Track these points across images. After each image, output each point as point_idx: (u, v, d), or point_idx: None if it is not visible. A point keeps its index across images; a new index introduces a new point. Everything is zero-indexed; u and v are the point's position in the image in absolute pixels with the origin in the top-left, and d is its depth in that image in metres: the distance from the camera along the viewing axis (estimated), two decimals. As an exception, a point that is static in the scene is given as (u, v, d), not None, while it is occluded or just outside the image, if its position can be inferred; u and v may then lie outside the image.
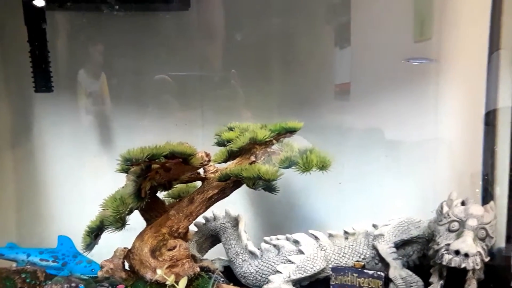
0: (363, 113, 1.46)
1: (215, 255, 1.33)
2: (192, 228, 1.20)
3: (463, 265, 0.95)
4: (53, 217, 1.50)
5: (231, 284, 1.12)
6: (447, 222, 1.01)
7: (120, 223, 0.99)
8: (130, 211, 1.01)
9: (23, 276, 1.11)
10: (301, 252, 1.13)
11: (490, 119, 1.39)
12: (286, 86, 1.47)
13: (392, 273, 1.06)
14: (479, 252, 0.95)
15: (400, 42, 1.42)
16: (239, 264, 1.20)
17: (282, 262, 1.13)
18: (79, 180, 1.47)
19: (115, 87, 1.46)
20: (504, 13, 1.33)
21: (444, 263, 0.97)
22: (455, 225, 1.00)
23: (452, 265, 0.95)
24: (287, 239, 1.18)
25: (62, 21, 1.40)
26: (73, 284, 1.09)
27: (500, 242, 1.29)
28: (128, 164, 0.93)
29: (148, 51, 1.44)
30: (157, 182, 1.02)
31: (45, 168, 1.48)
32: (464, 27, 1.40)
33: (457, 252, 0.95)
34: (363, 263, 1.05)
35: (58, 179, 1.49)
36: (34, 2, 1.30)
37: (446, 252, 0.97)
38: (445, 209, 1.04)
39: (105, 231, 1.02)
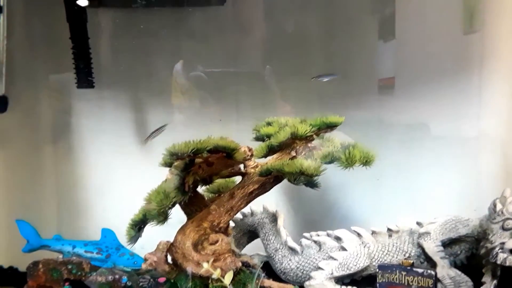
0: (406, 108, 1.42)
1: (251, 251, 1.33)
2: (230, 223, 1.20)
3: (518, 265, 0.91)
4: (93, 210, 1.53)
5: (271, 279, 1.12)
6: (501, 220, 0.97)
7: (162, 216, 1.01)
8: (173, 205, 1.02)
9: (69, 267, 1.14)
10: (343, 248, 1.11)
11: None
12: (327, 81, 1.45)
13: (440, 272, 1.03)
14: (534, 251, 0.91)
15: (448, 35, 1.37)
16: (278, 260, 1.19)
17: (323, 259, 1.11)
18: (117, 174, 1.49)
19: (152, 83, 1.48)
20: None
21: (498, 262, 0.93)
22: (510, 223, 0.96)
23: (507, 264, 0.91)
24: (328, 235, 1.16)
25: (103, 18, 1.42)
26: (116, 276, 1.11)
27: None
28: (173, 158, 0.94)
29: (185, 46, 1.45)
30: (199, 176, 1.03)
31: (84, 162, 1.52)
32: (509, 19, 1.34)
33: (512, 251, 0.92)
34: (412, 261, 1.02)
35: (97, 173, 1.52)
36: (75, 0, 1.32)
37: (500, 250, 0.93)
38: (499, 206, 1.00)
39: (148, 224, 1.04)
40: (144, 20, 1.41)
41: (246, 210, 1.27)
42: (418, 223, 1.15)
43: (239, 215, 1.29)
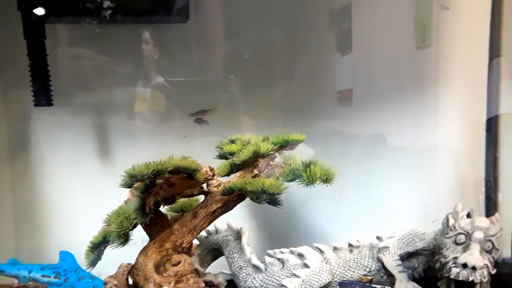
0: (365, 120, 1.47)
1: (217, 269, 1.32)
2: (194, 241, 1.19)
3: (470, 278, 0.95)
4: (52, 231, 1.48)
5: (236, 298, 1.11)
6: (453, 235, 1.01)
7: (123, 238, 0.98)
8: (134, 227, 1.00)
9: (25, 293, 1.10)
10: (306, 265, 1.12)
11: (492, 126, 1.40)
12: (288, 92, 1.48)
13: (399, 286, 1.06)
14: (486, 264, 0.96)
15: (401, 49, 1.43)
16: (243, 278, 1.19)
17: (287, 276, 1.12)
18: (77, 194, 1.46)
19: (114, 100, 1.45)
20: (504, 20, 1.35)
21: (452, 276, 0.96)
22: (462, 238, 1.00)
23: (460, 278, 0.95)
24: (291, 252, 1.18)
25: (62, 34, 1.39)
26: (75, 301, 1.08)
27: (506, 250, 1.30)
28: (133, 180, 0.92)
29: (147, 62, 1.44)
30: (161, 197, 1.01)
31: (43, 182, 1.47)
32: (463, 34, 1.41)
33: (464, 266, 0.95)
34: (370, 277, 1.05)
35: (57, 193, 1.47)
36: (33, 16, 1.29)
37: (453, 265, 0.97)
38: (451, 221, 1.04)
39: (108, 246, 1.02)
40: (105, 37, 1.40)
41: (211, 227, 1.27)
42: (378, 238, 1.18)
43: (203, 233, 1.28)
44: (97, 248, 1.02)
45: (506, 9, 1.33)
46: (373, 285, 1.01)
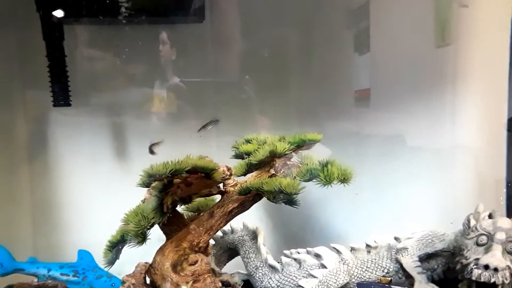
0: (382, 120, 1.45)
1: (232, 269, 1.32)
2: (210, 241, 1.19)
3: (492, 280, 0.93)
4: (69, 230, 1.50)
5: (252, 298, 1.11)
6: (475, 236, 0.99)
7: (141, 237, 0.99)
8: (152, 226, 1.00)
9: (44, 291, 1.11)
10: (323, 266, 1.11)
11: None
12: (304, 92, 1.47)
13: (418, 288, 1.04)
14: (508, 266, 0.94)
15: (420, 48, 1.41)
16: (259, 278, 1.19)
17: (304, 277, 1.12)
18: (94, 193, 1.47)
19: (131, 100, 1.47)
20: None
21: (473, 278, 0.95)
22: (483, 239, 0.98)
23: (482, 280, 0.93)
24: (308, 252, 1.17)
25: (80, 35, 1.41)
26: (93, 299, 1.09)
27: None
28: (151, 179, 0.93)
29: (164, 62, 1.45)
30: (178, 196, 1.02)
31: (61, 181, 1.49)
32: (483, 32, 1.39)
33: (486, 267, 0.93)
34: (389, 278, 1.03)
35: (74, 192, 1.49)
36: (52, 17, 1.31)
37: (475, 266, 0.95)
38: (473, 222, 1.02)
39: (126, 245, 1.02)
40: (122, 37, 1.41)
41: (226, 227, 1.27)
42: (396, 238, 1.16)
43: (219, 233, 1.29)
44: (115, 247, 1.03)
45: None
46: (393, 286, 1.00)
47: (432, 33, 1.40)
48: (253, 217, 1.31)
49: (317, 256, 1.14)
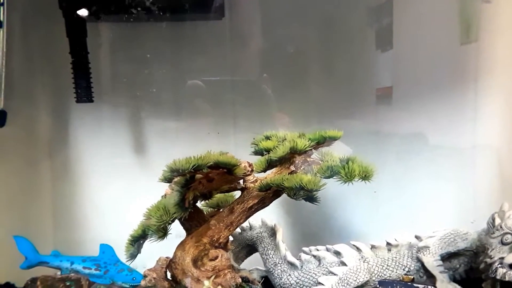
0: (403, 118, 1.44)
1: (250, 265, 1.32)
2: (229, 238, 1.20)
3: (518, 280, 0.92)
4: (89, 225, 1.52)
5: (271, 294, 1.11)
6: (499, 234, 0.98)
7: (162, 232, 1.00)
8: (173, 221, 1.01)
9: (68, 284, 1.13)
10: (343, 263, 1.11)
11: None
12: (324, 90, 1.47)
13: (440, 287, 1.03)
14: (534, 266, 0.92)
15: (444, 45, 1.39)
16: (278, 275, 1.19)
17: (323, 274, 1.11)
18: (114, 189, 1.49)
19: (152, 97, 1.48)
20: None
21: (498, 277, 0.93)
22: (509, 238, 0.97)
23: (507, 279, 0.92)
24: (327, 250, 1.17)
25: (103, 32, 1.43)
26: (115, 292, 1.10)
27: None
28: (174, 174, 0.93)
29: (185, 60, 1.46)
30: (199, 192, 1.02)
31: (82, 177, 1.51)
32: (506, 29, 1.37)
33: (511, 266, 0.92)
34: (412, 277, 1.02)
35: (94, 188, 1.51)
36: (75, 15, 1.33)
37: (500, 265, 0.94)
38: (498, 221, 1.01)
39: (147, 240, 1.04)
40: (143, 34, 1.42)
41: (245, 224, 1.27)
42: (417, 237, 1.15)
43: (238, 229, 1.29)
44: (137, 241, 1.04)
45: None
46: (415, 285, 0.99)
47: (456, 30, 1.38)
48: (271, 214, 1.32)
49: (337, 253, 1.14)
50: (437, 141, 1.44)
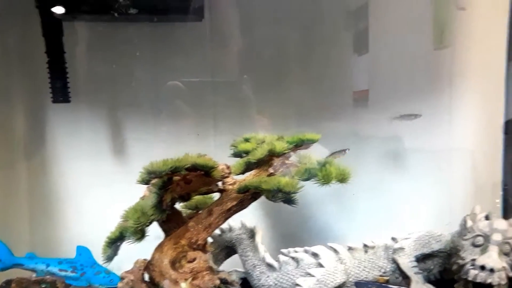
0: (380, 121, 1.46)
1: (230, 267, 1.32)
2: (208, 239, 1.20)
3: (488, 281, 0.94)
4: (67, 226, 1.50)
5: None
6: (471, 236, 1.01)
7: (140, 234, 0.99)
8: (151, 223, 1.01)
9: (43, 286, 1.11)
10: (320, 265, 1.12)
11: (510, 128, 1.39)
12: (302, 92, 1.48)
13: (414, 288, 1.05)
14: (504, 267, 0.95)
15: (419, 50, 1.42)
16: (256, 277, 1.19)
17: (301, 275, 1.12)
18: (92, 190, 1.47)
19: (130, 97, 1.47)
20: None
21: (470, 278, 0.96)
22: (480, 240, 0.99)
23: (478, 280, 0.95)
24: (306, 251, 1.17)
25: (79, 32, 1.41)
26: (91, 295, 1.09)
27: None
28: (151, 176, 0.93)
29: (164, 61, 1.45)
30: (177, 194, 1.02)
31: (59, 178, 1.49)
32: (480, 35, 1.40)
33: (482, 268, 0.95)
34: (387, 278, 1.04)
35: (72, 188, 1.49)
36: (51, 14, 1.31)
37: (471, 267, 0.96)
38: (469, 223, 1.03)
39: (125, 242, 1.03)
40: (122, 34, 1.41)
41: (224, 225, 1.27)
42: (393, 239, 1.17)
43: (217, 231, 1.29)
44: (114, 243, 1.03)
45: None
46: (390, 286, 1.01)
47: (430, 35, 1.41)
48: (251, 216, 1.32)
49: (315, 255, 1.15)
50: (413, 144, 1.47)
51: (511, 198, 1.37)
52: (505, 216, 1.37)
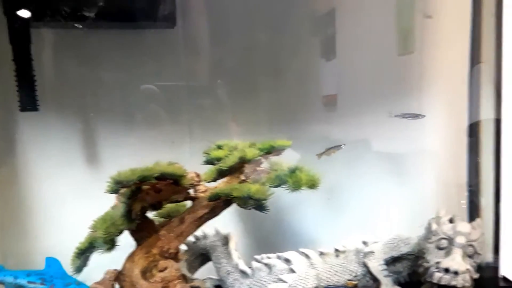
0: (350, 125, 1.48)
1: (205, 274, 1.32)
2: (182, 246, 1.19)
3: (453, 283, 0.96)
4: (39, 237, 1.47)
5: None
6: (436, 239, 1.03)
7: (110, 244, 0.99)
8: (120, 233, 1.00)
9: (10, 300, 1.08)
10: (292, 271, 1.12)
11: (474, 131, 1.43)
12: (274, 97, 1.50)
13: (383, 291, 1.07)
14: (468, 269, 0.97)
15: (384, 55, 1.46)
16: (230, 284, 1.19)
17: (273, 281, 1.13)
18: (64, 199, 1.44)
19: (101, 104, 1.45)
20: (484, 27, 1.38)
21: (434, 281, 0.98)
22: (444, 243, 1.02)
23: (442, 283, 0.97)
24: (278, 257, 1.18)
25: (48, 39, 1.38)
26: (61, 308, 1.07)
27: (488, 255, 1.33)
28: (119, 186, 0.92)
29: (135, 67, 1.44)
30: (147, 203, 1.02)
31: (29, 187, 1.46)
32: (446, 42, 1.44)
33: (446, 270, 0.97)
34: (355, 282, 1.06)
35: (43, 198, 1.46)
36: (18, 21, 1.29)
37: (436, 270, 0.98)
38: (434, 226, 1.06)
39: (95, 252, 1.02)
40: (92, 41, 1.39)
41: (199, 233, 1.27)
42: (364, 243, 1.19)
43: (191, 238, 1.28)
44: (84, 254, 1.02)
45: (485, 17, 1.37)
46: (358, 290, 1.03)
47: (394, 41, 1.45)
48: (227, 222, 1.32)
49: (287, 261, 1.15)
50: (382, 148, 1.50)
51: (476, 199, 1.41)
52: (471, 216, 1.43)
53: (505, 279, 1.29)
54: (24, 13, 1.28)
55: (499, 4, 1.32)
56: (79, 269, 1.01)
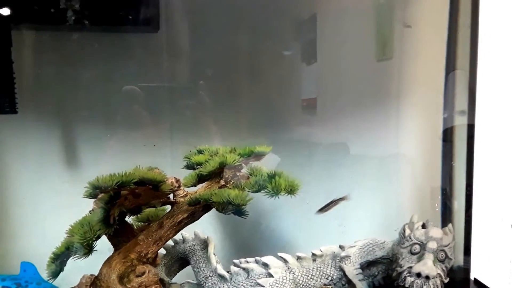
0: (328, 128, 1.51)
1: (184, 278, 1.32)
2: (161, 250, 1.20)
3: (424, 287, 0.99)
4: (15, 241, 1.45)
5: (201, 307, 1.12)
6: (409, 245, 1.06)
7: (87, 249, 0.98)
8: (98, 238, 1.00)
9: (-16, 306, 1.07)
10: (270, 275, 1.14)
11: (448, 136, 1.47)
12: (255, 101, 1.52)
13: (358, 294, 1.10)
14: (439, 274, 1.00)
15: (363, 61, 1.50)
16: (208, 288, 1.20)
17: (251, 286, 1.14)
18: (42, 203, 1.43)
19: (81, 108, 1.44)
20: (460, 35, 1.43)
21: (406, 285, 1.01)
22: (417, 248, 1.04)
23: (414, 287, 1.00)
24: (257, 261, 1.19)
25: (28, 41, 1.37)
26: (36, 313, 1.06)
27: (459, 255, 1.36)
28: (97, 191, 0.92)
29: (117, 71, 1.44)
30: (126, 208, 1.02)
31: (6, 190, 1.44)
32: (422, 49, 1.48)
33: (418, 275, 1.00)
34: (330, 286, 1.08)
35: (20, 202, 1.44)
36: (-1, 23, 1.28)
37: (408, 274, 1.01)
38: (407, 232, 1.08)
39: (71, 257, 1.01)
40: (72, 44, 1.38)
41: (178, 237, 1.27)
42: (341, 247, 1.21)
43: (170, 242, 1.29)
44: (60, 259, 1.01)
45: (461, 25, 1.42)
46: (331, 294, 1.05)
47: (373, 47, 1.48)
48: (207, 226, 1.33)
49: (265, 265, 1.17)
50: (360, 151, 1.52)
51: (449, 202, 1.45)
52: (444, 220, 1.46)
53: (476, 281, 1.33)
54: (5, 16, 1.26)
55: (474, 16, 1.36)
56: (55, 274, 1.00)
